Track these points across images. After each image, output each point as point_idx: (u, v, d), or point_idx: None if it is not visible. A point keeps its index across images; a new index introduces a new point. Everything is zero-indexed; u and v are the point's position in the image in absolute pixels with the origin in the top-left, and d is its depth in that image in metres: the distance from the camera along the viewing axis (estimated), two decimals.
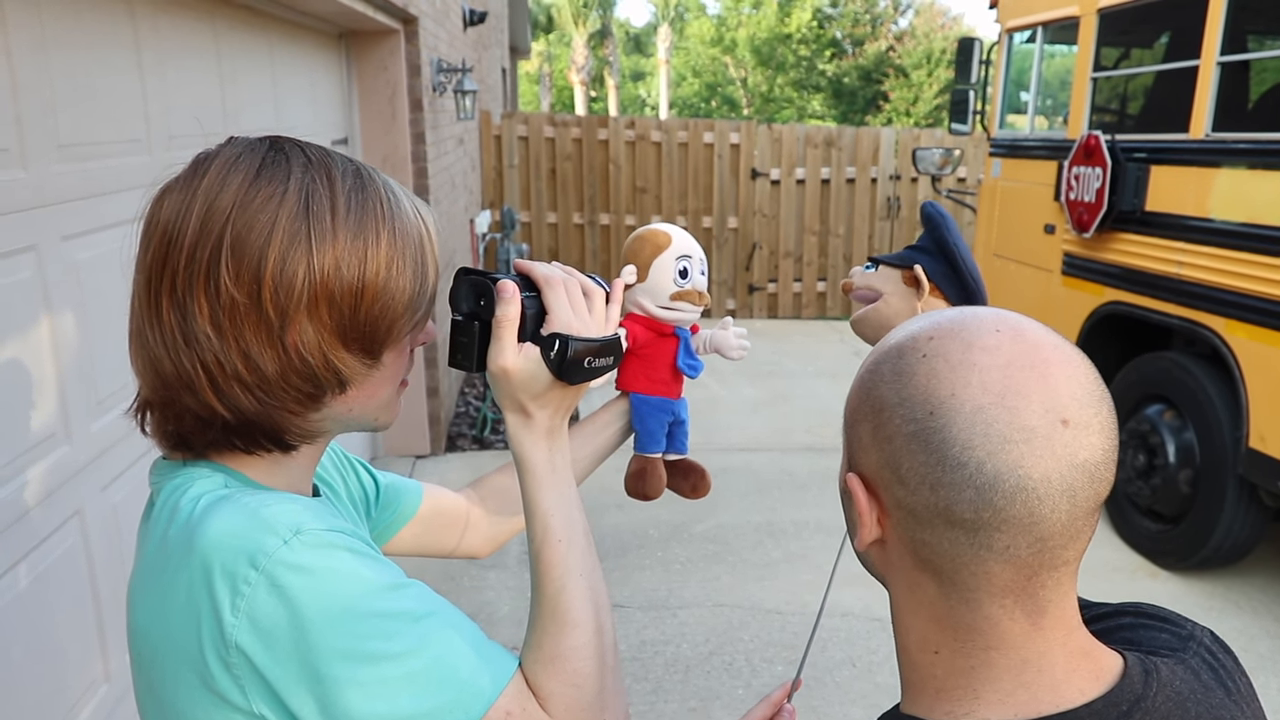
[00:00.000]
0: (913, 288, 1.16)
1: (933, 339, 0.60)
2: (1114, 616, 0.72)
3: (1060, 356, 0.58)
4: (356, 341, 0.76)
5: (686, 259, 1.07)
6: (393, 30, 4.25)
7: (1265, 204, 3.33)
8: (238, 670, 0.68)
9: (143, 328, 0.74)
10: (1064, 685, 0.60)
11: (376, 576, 0.71)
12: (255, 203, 0.72)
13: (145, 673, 0.75)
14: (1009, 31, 5.07)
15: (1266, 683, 3.08)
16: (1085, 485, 0.56)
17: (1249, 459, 3.39)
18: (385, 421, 0.85)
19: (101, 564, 1.88)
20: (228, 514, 0.70)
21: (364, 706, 0.68)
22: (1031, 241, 4.72)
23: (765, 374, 6.66)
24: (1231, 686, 0.66)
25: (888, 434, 0.59)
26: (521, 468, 0.84)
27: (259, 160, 0.74)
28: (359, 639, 0.68)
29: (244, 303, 0.72)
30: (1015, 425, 0.55)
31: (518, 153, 8.15)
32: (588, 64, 28.47)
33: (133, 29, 2.12)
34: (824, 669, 3.10)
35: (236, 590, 0.67)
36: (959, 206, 8.04)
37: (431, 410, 4.86)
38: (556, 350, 0.81)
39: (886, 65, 26.28)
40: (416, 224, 0.79)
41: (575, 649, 0.78)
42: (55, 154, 1.78)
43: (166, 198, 0.74)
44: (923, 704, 0.63)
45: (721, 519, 4.24)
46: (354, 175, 0.76)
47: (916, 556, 0.61)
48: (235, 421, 0.75)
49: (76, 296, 1.83)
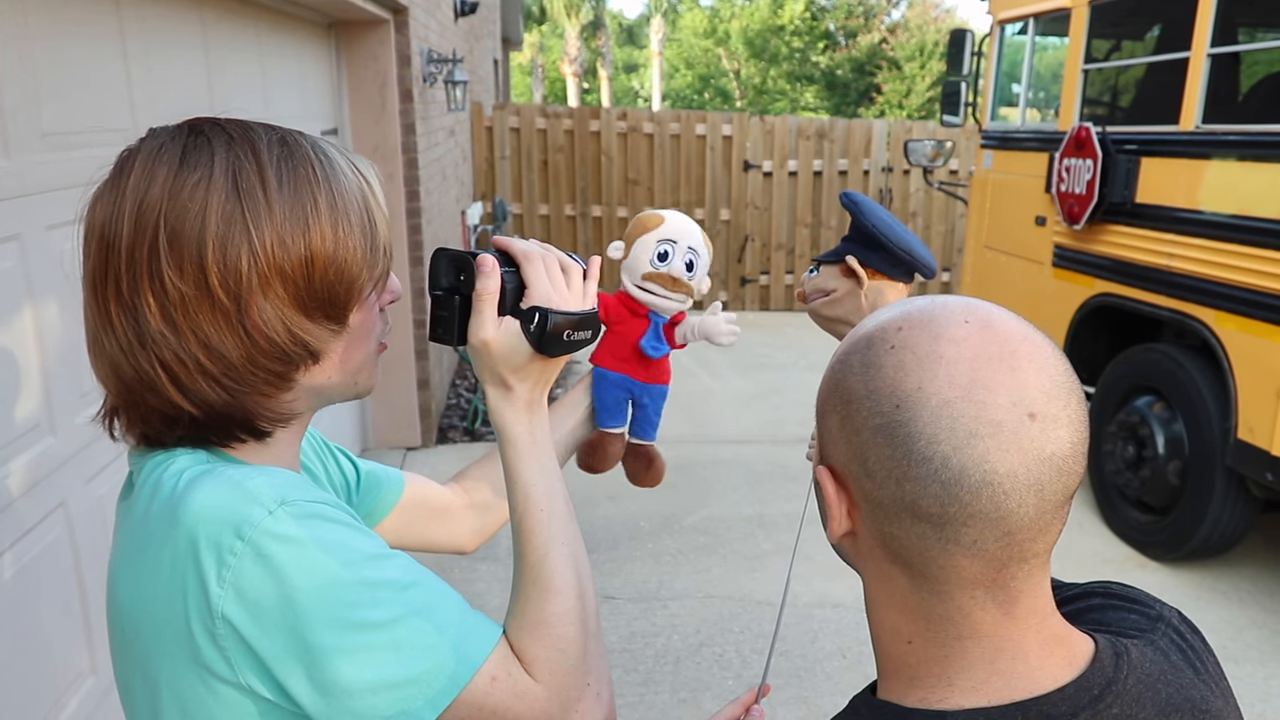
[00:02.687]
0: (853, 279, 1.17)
1: (901, 330, 0.59)
2: (1084, 598, 0.72)
3: (1029, 348, 0.57)
4: (318, 309, 0.75)
5: (670, 243, 1.08)
6: (382, 20, 4.22)
7: (1255, 196, 3.34)
8: (224, 642, 0.68)
9: (98, 335, 0.74)
10: (1037, 671, 0.60)
11: (361, 545, 0.71)
12: (184, 191, 0.71)
13: (128, 649, 0.74)
14: (1001, 23, 5.06)
15: (1253, 672, 3.10)
16: (1053, 479, 0.56)
17: (1237, 450, 3.40)
18: (365, 386, 0.84)
19: (86, 556, 1.87)
20: (211, 486, 0.70)
21: (352, 674, 0.68)
22: (1022, 233, 4.73)
23: (757, 366, 6.66)
24: (1200, 666, 0.66)
25: (855, 426, 0.59)
26: (502, 439, 0.85)
27: (181, 148, 0.72)
28: (345, 607, 0.68)
29: (192, 294, 0.71)
30: (981, 419, 0.54)
31: (509, 144, 8.13)
32: (580, 55, 28.38)
33: (117, 18, 2.10)
34: (814, 659, 3.10)
35: (222, 561, 0.67)
36: (951, 199, 8.05)
37: (422, 402, 4.85)
38: (536, 323, 0.81)
39: (879, 57, 26.25)
40: (355, 180, 0.78)
41: (559, 615, 0.79)
42: (39, 143, 1.76)
43: (98, 202, 0.73)
44: (896, 690, 0.63)
45: (712, 511, 4.25)
46: (279, 144, 0.75)
47: (886, 549, 0.60)
48: (203, 416, 0.74)
49: (61, 286, 1.81)
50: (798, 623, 3.33)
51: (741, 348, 6.97)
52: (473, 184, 7.93)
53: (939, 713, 0.60)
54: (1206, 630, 3.52)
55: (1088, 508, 4.31)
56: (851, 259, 1.16)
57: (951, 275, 8.74)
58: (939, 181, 6.50)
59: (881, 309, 0.64)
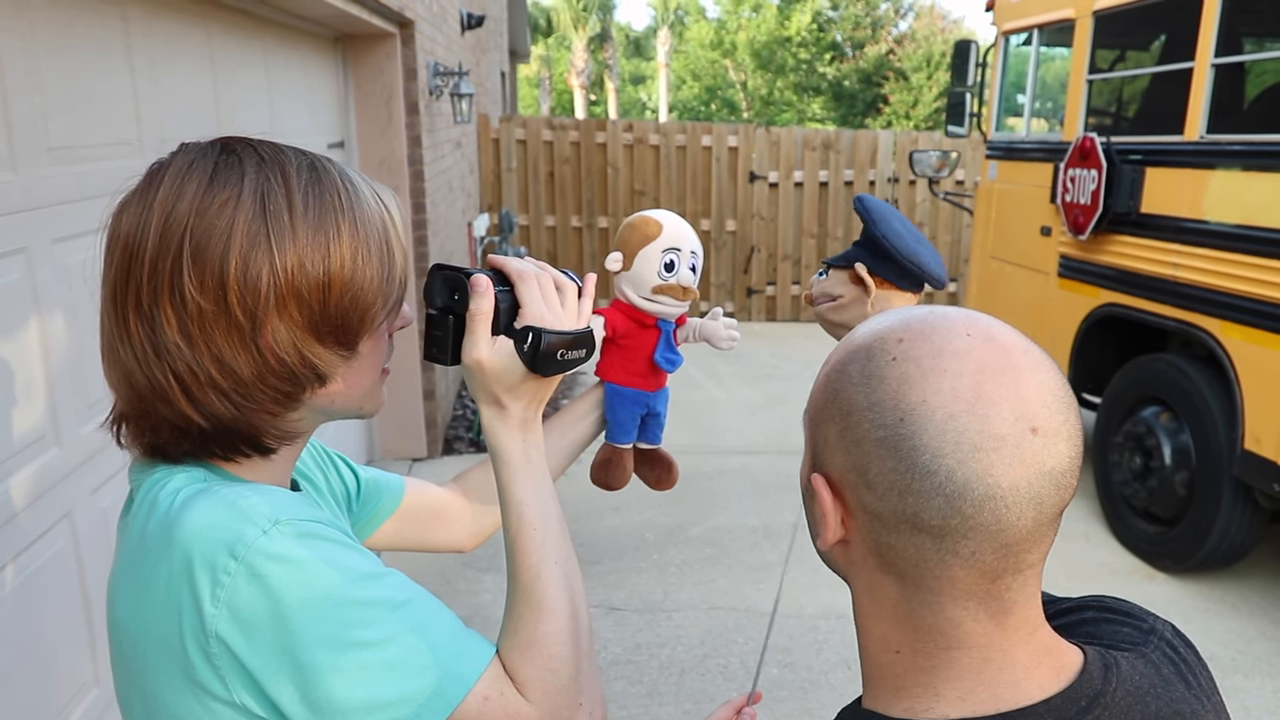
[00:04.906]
0: (860, 287, 1.16)
1: (902, 341, 0.59)
2: (1076, 611, 0.72)
3: (1030, 362, 0.57)
4: (330, 335, 0.76)
5: (675, 251, 1.05)
6: (389, 34, 4.25)
7: (1260, 206, 3.33)
8: (218, 660, 0.69)
9: (114, 342, 0.75)
10: (1025, 682, 0.60)
11: (355, 565, 0.72)
12: (212, 209, 0.72)
13: (127, 665, 0.75)
14: (1005, 34, 5.07)
15: (1263, 685, 3.08)
16: (1051, 493, 0.56)
17: (1245, 461, 3.38)
18: (370, 409, 0.85)
19: (91, 567, 1.88)
20: (206, 506, 0.70)
21: (345, 693, 0.68)
22: (1028, 244, 4.72)
23: (763, 376, 6.66)
24: (1192, 680, 0.66)
25: (856, 438, 0.59)
26: (496, 458, 0.86)
27: (212, 165, 0.74)
28: (339, 627, 0.69)
29: (211, 310, 0.72)
30: (986, 433, 0.55)
31: (516, 156, 8.16)
32: (587, 68, 28.50)
33: (124, 32, 2.12)
34: (819, 671, 3.09)
35: (216, 580, 0.68)
36: (957, 209, 8.05)
37: (428, 413, 4.86)
38: (530, 343, 0.82)
39: (886, 68, 26.28)
40: (378, 210, 0.79)
41: (551, 634, 0.79)
42: (46, 157, 1.78)
43: (124, 211, 0.75)
44: (881, 700, 0.63)
45: (718, 521, 4.24)
46: (309, 170, 0.76)
47: (880, 559, 0.60)
48: (211, 429, 0.75)
49: (67, 299, 1.83)
50: (802, 634, 3.31)
51: (747, 358, 6.97)
52: (479, 196, 7.96)
53: None
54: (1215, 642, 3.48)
55: (1095, 519, 4.28)
56: (860, 267, 1.15)
57: (958, 286, 8.73)
58: (944, 192, 6.50)
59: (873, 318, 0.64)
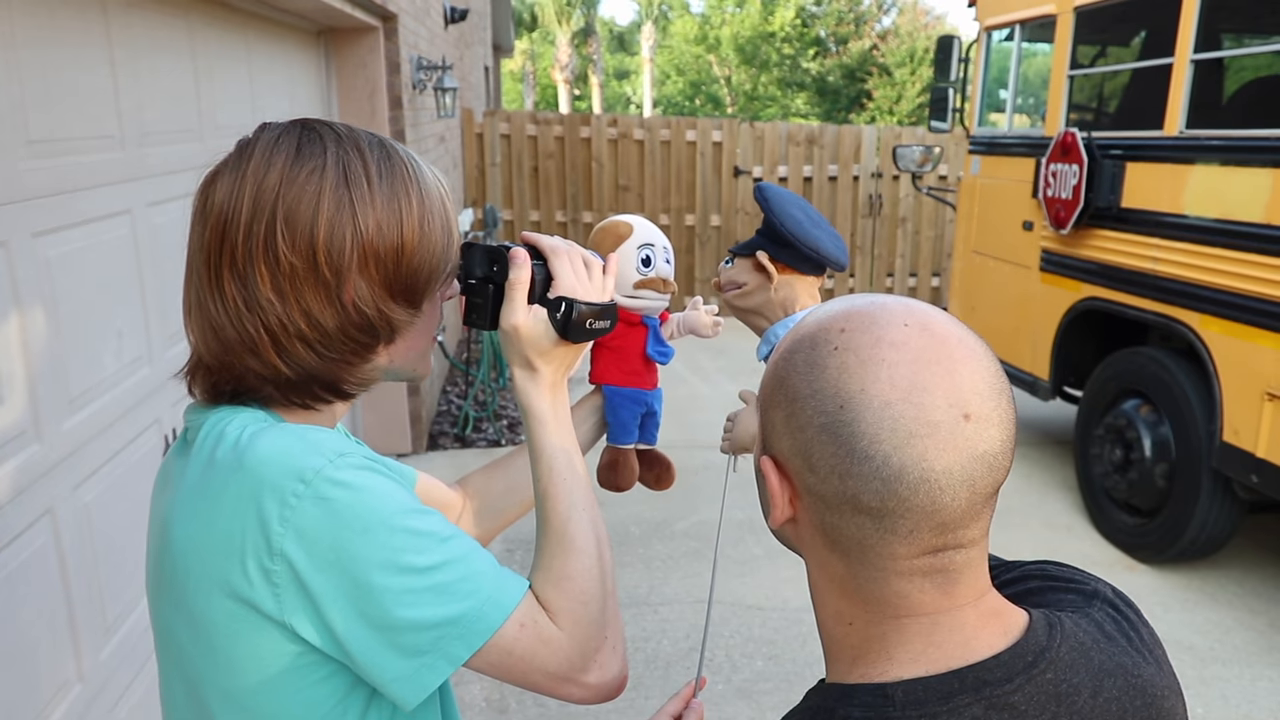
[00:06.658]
0: (763, 274, 1.18)
1: (844, 331, 0.62)
2: (1022, 581, 0.75)
3: (964, 351, 0.60)
4: (402, 293, 0.85)
5: (649, 247, 1.09)
6: (372, 27, 4.23)
7: (1238, 200, 3.37)
8: (278, 579, 0.74)
9: (204, 299, 0.82)
10: (974, 641, 0.63)
11: (406, 500, 0.79)
12: (300, 178, 0.80)
13: (179, 589, 0.79)
14: (987, 30, 5.10)
15: (1240, 673, 3.12)
16: (984, 474, 0.60)
17: (1223, 452, 3.43)
18: (422, 372, 0.94)
19: (73, 563, 1.87)
20: (277, 436, 0.78)
21: (397, 613, 0.75)
22: (1010, 238, 4.76)
23: (748, 371, 6.67)
24: (1134, 635, 0.69)
25: (800, 424, 0.62)
26: (528, 415, 0.93)
27: (296, 140, 0.83)
28: (393, 551, 0.75)
29: (302, 268, 0.80)
30: (920, 420, 0.58)
31: (500, 151, 8.14)
32: (571, 62, 28.42)
33: (105, 25, 2.10)
34: (804, 663, 3.11)
35: (285, 502, 0.74)
36: (940, 204, 8.09)
37: (413, 409, 4.84)
38: (562, 312, 0.90)
39: (870, 64, 26.34)
40: (437, 187, 0.89)
41: (581, 570, 0.86)
42: (25, 150, 1.76)
43: (218, 181, 0.82)
44: (840, 670, 0.67)
45: (703, 515, 4.26)
46: (379, 147, 0.86)
47: (826, 537, 0.64)
48: (295, 377, 0.83)
49: (47, 293, 1.81)
50: (787, 627, 3.33)
51: (731, 352, 6.99)
52: (463, 191, 7.94)
53: (879, 685, 0.62)
54: (1194, 632, 3.53)
55: (1076, 510, 4.32)
56: (761, 255, 1.18)
57: (941, 280, 8.78)
58: (928, 187, 6.53)
59: (825, 304, 0.67)
